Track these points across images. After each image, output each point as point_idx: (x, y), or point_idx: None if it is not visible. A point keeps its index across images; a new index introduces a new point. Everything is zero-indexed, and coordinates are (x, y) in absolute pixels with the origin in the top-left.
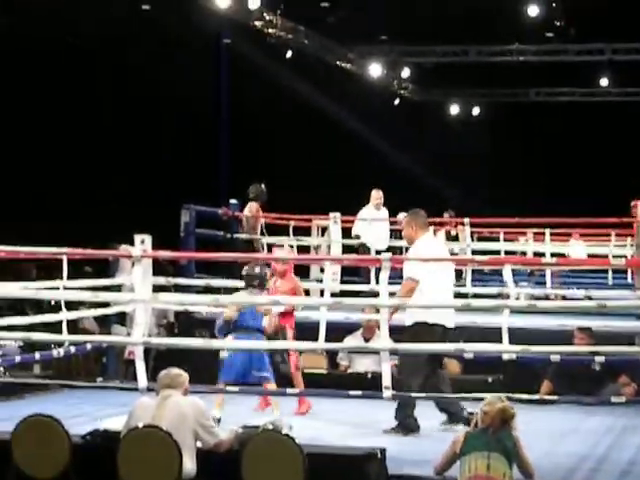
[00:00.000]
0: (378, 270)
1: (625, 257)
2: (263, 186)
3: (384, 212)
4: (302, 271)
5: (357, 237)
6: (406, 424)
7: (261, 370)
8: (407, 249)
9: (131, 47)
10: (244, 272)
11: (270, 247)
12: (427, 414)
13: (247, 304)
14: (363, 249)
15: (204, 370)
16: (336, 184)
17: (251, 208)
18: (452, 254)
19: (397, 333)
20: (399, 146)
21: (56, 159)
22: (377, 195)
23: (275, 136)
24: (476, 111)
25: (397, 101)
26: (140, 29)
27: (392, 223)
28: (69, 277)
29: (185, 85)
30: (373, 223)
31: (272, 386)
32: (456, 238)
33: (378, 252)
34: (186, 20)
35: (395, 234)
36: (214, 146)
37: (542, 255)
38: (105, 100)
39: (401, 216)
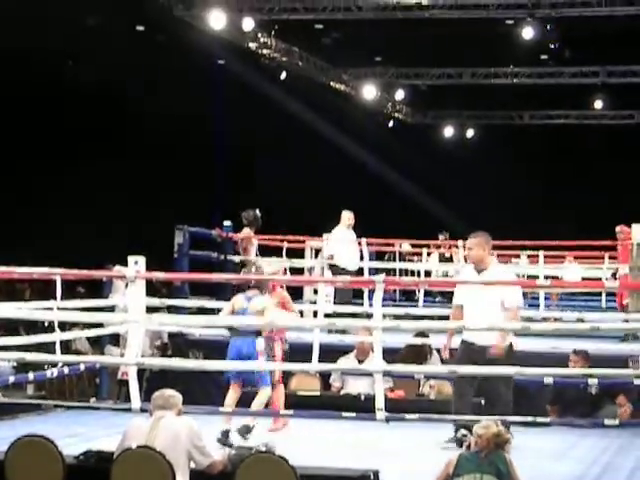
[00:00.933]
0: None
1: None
2: (258, 212)
3: (352, 233)
4: (296, 293)
5: (331, 257)
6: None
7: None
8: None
9: (126, 68)
10: (242, 274)
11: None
12: (419, 435)
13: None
14: (335, 270)
15: (198, 391)
16: (330, 205)
17: (244, 233)
18: (445, 276)
19: (390, 354)
20: (393, 168)
21: (49, 179)
22: (350, 216)
23: (269, 157)
24: (470, 133)
25: (391, 123)
26: (134, 50)
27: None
28: (62, 298)
29: (180, 106)
30: (345, 244)
31: (264, 393)
32: (450, 259)
33: (349, 273)
34: (181, 41)
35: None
36: (208, 167)
37: (536, 277)
38: (98, 119)
39: (441, 237)
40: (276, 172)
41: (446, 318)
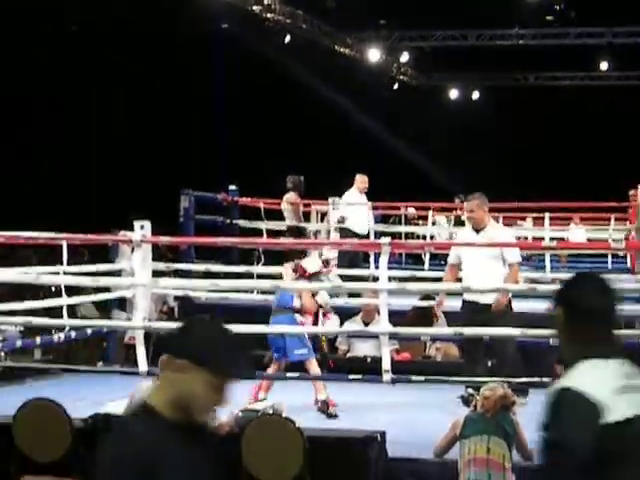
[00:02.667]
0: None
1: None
2: (302, 178)
3: (364, 198)
4: (301, 256)
5: (341, 221)
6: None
7: (299, 348)
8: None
9: (129, 32)
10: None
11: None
12: (425, 397)
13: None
14: (345, 233)
15: None
16: (335, 169)
17: (290, 198)
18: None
19: (397, 317)
20: (398, 130)
21: (54, 147)
22: (364, 179)
23: (273, 121)
24: (475, 95)
25: (396, 85)
26: (137, 14)
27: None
28: (68, 263)
29: (182, 70)
30: (358, 208)
31: (313, 364)
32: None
33: (360, 237)
34: (184, 4)
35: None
36: (212, 132)
37: (542, 239)
38: (102, 85)
39: (457, 200)
40: (280, 136)
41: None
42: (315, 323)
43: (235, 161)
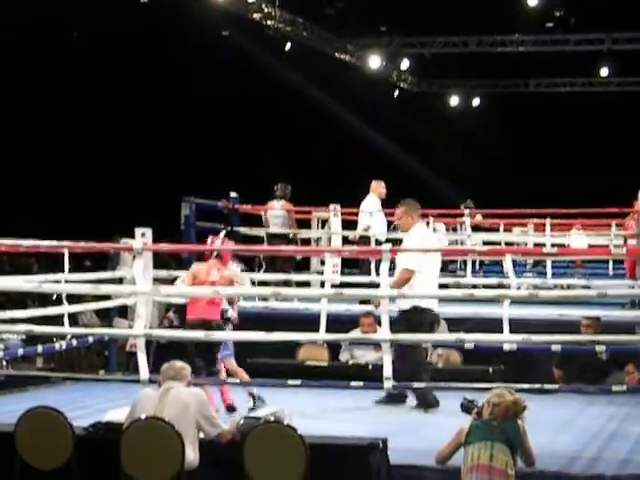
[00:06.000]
0: (378, 261)
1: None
2: (289, 186)
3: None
4: (303, 263)
5: (367, 229)
6: (426, 400)
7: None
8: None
9: (130, 40)
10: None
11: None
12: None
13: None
14: (368, 241)
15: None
16: (336, 176)
17: (284, 205)
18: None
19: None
20: (398, 137)
21: (56, 155)
22: (381, 185)
23: (274, 128)
24: (476, 102)
25: (397, 93)
26: (139, 22)
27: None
28: (70, 271)
29: (184, 78)
30: (379, 215)
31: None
32: (477, 228)
33: (380, 243)
34: (185, 13)
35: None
36: (213, 139)
37: (543, 246)
38: (105, 93)
39: (463, 206)
40: (281, 143)
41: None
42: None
43: (236, 168)
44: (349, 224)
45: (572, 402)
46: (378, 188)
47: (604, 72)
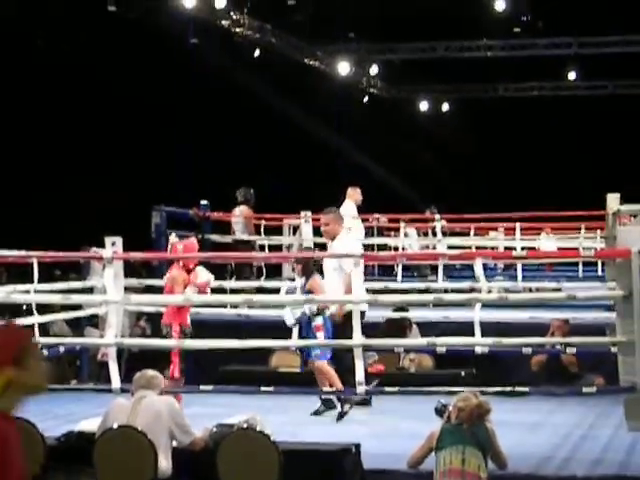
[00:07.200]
0: None
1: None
2: (252, 190)
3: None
4: (275, 270)
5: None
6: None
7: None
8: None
9: (98, 48)
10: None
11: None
12: (399, 408)
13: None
14: None
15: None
16: (306, 182)
17: (243, 211)
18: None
19: (370, 329)
20: (369, 143)
21: (25, 163)
22: (358, 192)
23: (242, 136)
24: (445, 107)
25: (366, 98)
26: (106, 30)
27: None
28: (39, 281)
29: (152, 86)
30: (357, 221)
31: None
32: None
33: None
34: (153, 20)
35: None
36: (183, 147)
37: (513, 249)
38: (71, 101)
39: (427, 211)
40: (249, 151)
41: (426, 292)
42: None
43: (205, 177)
44: (319, 231)
45: (543, 404)
46: (354, 194)
47: (572, 76)
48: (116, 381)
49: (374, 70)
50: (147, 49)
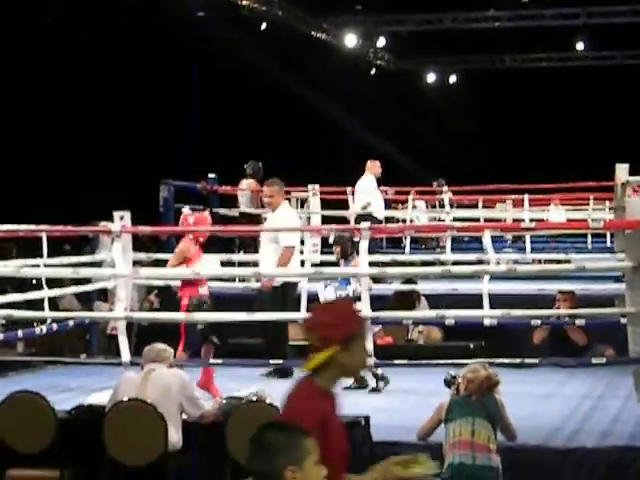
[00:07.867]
0: None
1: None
2: (260, 164)
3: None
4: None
5: (366, 206)
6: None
7: None
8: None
9: (105, 23)
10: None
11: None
12: (408, 380)
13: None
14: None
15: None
16: (314, 156)
17: (250, 184)
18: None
19: (378, 302)
20: (376, 115)
21: (34, 138)
22: (377, 164)
23: (249, 109)
24: (453, 79)
25: (373, 71)
26: (112, 4)
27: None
28: (49, 255)
29: (158, 59)
30: (377, 193)
31: None
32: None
33: (380, 222)
34: None
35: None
36: (190, 121)
37: (522, 221)
38: (80, 76)
39: (435, 183)
40: (258, 124)
41: (432, 264)
42: None
43: (214, 150)
44: (327, 203)
45: (553, 376)
46: (374, 167)
47: (580, 46)
48: (126, 354)
49: (381, 42)
50: (154, 22)
